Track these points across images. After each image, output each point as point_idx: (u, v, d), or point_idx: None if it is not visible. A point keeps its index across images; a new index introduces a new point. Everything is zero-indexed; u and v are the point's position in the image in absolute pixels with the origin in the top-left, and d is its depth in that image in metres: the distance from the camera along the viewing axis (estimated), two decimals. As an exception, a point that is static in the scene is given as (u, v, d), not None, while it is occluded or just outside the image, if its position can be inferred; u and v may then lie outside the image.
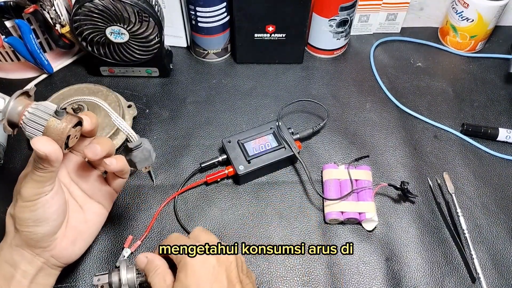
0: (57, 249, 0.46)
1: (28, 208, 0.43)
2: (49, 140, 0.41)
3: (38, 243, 0.45)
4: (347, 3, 0.70)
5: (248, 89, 0.74)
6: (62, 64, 0.76)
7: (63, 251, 0.47)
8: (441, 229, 0.59)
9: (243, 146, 0.62)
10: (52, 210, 0.44)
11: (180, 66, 0.77)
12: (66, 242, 0.47)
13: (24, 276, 0.45)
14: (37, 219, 0.44)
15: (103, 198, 0.50)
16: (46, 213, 0.44)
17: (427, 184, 0.63)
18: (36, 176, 0.42)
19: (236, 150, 0.62)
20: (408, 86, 0.76)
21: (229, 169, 0.62)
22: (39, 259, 0.46)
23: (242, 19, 0.70)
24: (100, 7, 0.61)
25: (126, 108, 0.68)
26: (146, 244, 0.57)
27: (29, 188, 0.43)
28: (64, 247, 0.47)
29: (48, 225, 0.44)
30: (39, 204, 0.43)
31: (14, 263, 0.45)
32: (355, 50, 0.82)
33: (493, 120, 0.72)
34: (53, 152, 0.41)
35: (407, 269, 0.56)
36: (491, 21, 0.76)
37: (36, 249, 0.45)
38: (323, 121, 0.68)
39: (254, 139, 0.64)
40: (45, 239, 0.45)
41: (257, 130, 0.64)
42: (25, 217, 0.43)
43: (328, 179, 0.62)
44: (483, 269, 0.56)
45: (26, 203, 0.43)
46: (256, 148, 0.63)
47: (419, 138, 0.69)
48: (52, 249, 0.46)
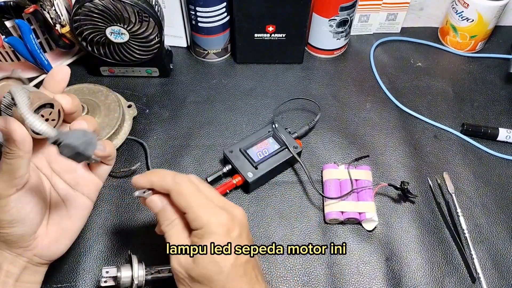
0: (39, 247, 0.44)
1: (1, 208, 0.41)
2: (14, 120, 0.38)
3: (17, 244, 0.43)
4: (347, 3, 0.70)
5: (248, 89, 0.74)
6: (62, 64, 0.76)
7: (46, 249, 0.45)
8: (441, 229, 0.59)
9: (247, 154, 0.62)
10: (27, 209, 0.42)
11: (180, 66, 0.77)
12: (48, 240, 0.45)
13: (8, 276, 0.43)
14: (12, 220, 0.41)
15: (88, 188, 0.48)
16: (21, 213, 0.42)
17: (427, 184, 0.63)
18: (5, 164, 0.39)
19: (240, 158, 0.61)
20: (408, 86, 0.76)
21: (236, 179, 0.60)
22: (22, 259, 0.44)
23: (242, 19, 0.70)
24: (100, 7, 0.61)
25: (126, 108, 0.68)
26: (146, 244, 0.57)
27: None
28: (47, 245, 0.45)
29: (25, 226, 0.42)
30: (12, 203, 0.41)
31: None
32: (355, 50, 0.82)
33: (493, 120, 0.72)
34: (18, 131, 0.38)
35: (407, 269, 0.56)
36: (491, 21, 0.76)
37: (16, 249, 0.43)
38: (317, 116, 0.67)
39: (255, 145, 0.63)
40: (23, 239, 0.43)
41: (256, 136, 0.64)
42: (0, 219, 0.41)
43: (328, 179, 0.62)
44: (483, 269, 0.56)
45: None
46: (260, 154, 0.62)
47: (419, 138, 0.69)
48: (33, 248, 0.44)
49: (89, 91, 0.67)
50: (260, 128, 0.65)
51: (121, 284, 0.49)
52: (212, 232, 0.42)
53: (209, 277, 0.41)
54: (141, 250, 0.56)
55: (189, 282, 0.42)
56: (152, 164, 0.64)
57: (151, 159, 0.64)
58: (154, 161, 0.65)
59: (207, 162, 0.65)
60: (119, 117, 0.64)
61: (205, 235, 0.42)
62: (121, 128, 0.65)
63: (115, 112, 0.65)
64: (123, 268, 0.50)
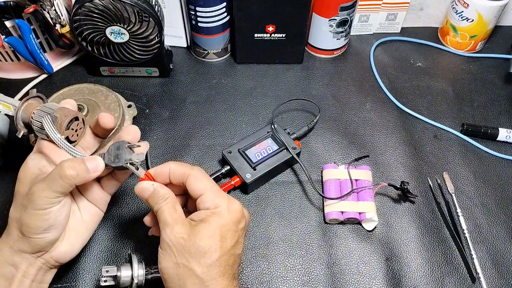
0: (57, 250, 0.46)
1: (40, 216, 0.42)
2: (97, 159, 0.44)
3: (43, 248, 0.45)
4: (347, 3, 0.70)
5: (248, 89, 0.74)
6: (62, 64, 0.76)
7: (63, 252, 0.47)
8: (441, 229, 0.59)
9: (245, 154, 0.62)
10: (62, 217, 0.44)
11: (180, 66, 0.77)
12: (65, 244, 0.47)
13: (25, 276, 0.45)
14: (49, 227, 0.43)
15: (99, 201, 0.50)
16: (57, 221, 0.44)
17: (427, 184, 0.63)
18: (58, 186, 0.42)
19: (239, 159, 0.61)
20: (408, 86, 0.76)
21: (235, 180, 0.60)
22: (39, 260, 0.45)
23: (242, 19, 0.70)
24: (100, 7, 0.61)
25: (126, 108, 0.68)
26: (146, 244, 0.57)
27: (45, 197, 0.42)
28: (64, 248, 0.46)
29: (57, 231, 0.44)
30: (52, 213, 0.43)
31: (15, 263, 0.44)
32: (355, 50, 0.82)
33: (493, 120, 0.72)
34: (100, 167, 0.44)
35: (407, 269, 0.56)
36: (491, 21, 0.76)
37: (38, 252, 0.45)
38: (316, 117, 0.67)
39: (254, 146, 0.63)
40: (52, 243, 0.45)
41: (255, 136, 0.64)
42: (36, 225, 0.43)
43: (328, 179, 0.62)
44: (483, 269, 0.56)
45: (38, 211, 0.42)
46: (258, 154, 0.62)
47: (419, 138, 0.69)
48: (52, 250, 0.46)
49: (89, 91, 0.67)
50: (259, 129, 0.65)
51: (121, 283, 0.49)
52: (224, 215, 0.44)
53: (203, 251, 0.42)
54: (141, 250, 0.56)
55: (177, 252, 0.43)
56: (152, 164, 0.64)
57: (151, 159, 0.64)
58: (154, 161, 0.65)
59: (207, 162, 0.65)
60: (119, 117, 0.64)
61: (215, 215, 0.44)
62: (121, 128, 0.65)
63: (115, 112, 0.65)
64: (123, 267, 0.50)
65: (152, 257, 0.55)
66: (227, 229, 0.44)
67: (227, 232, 0.44)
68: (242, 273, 0.55)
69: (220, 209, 0.44)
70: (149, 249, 0.56)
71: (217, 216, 0.44)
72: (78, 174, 0.42)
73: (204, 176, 0.46)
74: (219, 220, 0.44)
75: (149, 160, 0.64)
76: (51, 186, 0.42)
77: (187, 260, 0.42)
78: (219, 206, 0.44)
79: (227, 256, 0.43)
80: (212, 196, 0.45)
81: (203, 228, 0.43)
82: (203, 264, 0.42)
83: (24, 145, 0.65)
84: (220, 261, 0.43)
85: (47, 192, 0.42)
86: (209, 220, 0.44)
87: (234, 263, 0.45)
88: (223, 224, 0.44)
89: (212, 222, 0.44)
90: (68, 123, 0.45)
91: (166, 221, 0.44)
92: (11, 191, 0.52)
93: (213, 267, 0.42)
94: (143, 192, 0.46)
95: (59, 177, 0.42)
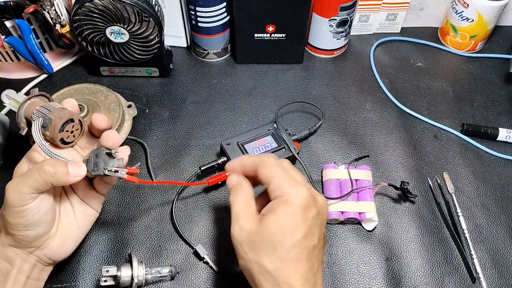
0: (49, 247, 0.46)
1: (17, 214, 0.42)
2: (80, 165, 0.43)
3: (31, 244, 0.45)
4: (347, 3, 0.70)
5: (248, 89, 0.74)
6: (62, 64, 0.76)
7: (55, 249, 0.47)
8: (441, 229, 0.59)
9: (243, 148, 0.62)
10: (42, 214, 0.44)
11: (180, 66, 0.77)
12: (57, 241, 0.47)
13: (19, 272, 0.45)
14: (28, 224, 0.43)
15: (93, 201, 0.50)
16: (36, 217, 0.43)
17: (427, 184, 0.63)
18: (33, 181, 0.42)
19: (236, 152, 0.62)
20: (408, 86, 0.76)
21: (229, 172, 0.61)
22: (32, 257, 0.46)
23: (242, 19, 0.70)
24: (100, 7, 0.61)
25: (126, 108, 0.68)
26: (146, 244, 0.57)
27: (18, 192, 0.42)
28: (56, 246, 0.47)
29: (40, 228, 0.44)
30: (29, 210, 0.42)
31: (9, 259, 0.45)
32: (355, 50, 0.82)
33: (493, 120, 0.72)
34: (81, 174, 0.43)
35: (407, 269, 0.56)
36: (491, 21, 0.76)
37: (29, 248, 0.45)
38: (319, 122, 0.67)
39: (253, 141, 0.63)
40: (38, 239, 0.45)
41: (255, 132, 0.64)
42: (16, 222, 0.43)
43: (328, 179, 0.62)
44: (483, 269, 0.56)
45: (15, 209, 0.42)
46: (257, 150, 0.62)
47: (419, 138, 0.69)
48: (44, 247, 0.46)
49: (89, 91, 0.67)
50: (261, 125, 0.65)
51: (121, 283, 0.49)
52: (290, 202, 0.41)
53: (273, 245, 0.40)
54: (141, 250, 0.56)
55: (247, 248, 0.41)
56: (152, 164, 0.64)
57: (151, 159, 0.64)
58: (154, 161, 0.65)
59: (206, 162, 0.65)
60: (119, 117, 0.64)
61: (282, 203, 0.41)
62: (121, 128, 0.65)
63: (115, 112, 0.65)
64: (123, 267, 0.50)
65: (152, 257, 0.56)
66: (296, 218, 0.41)
67: (296, 222, 0.41)
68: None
69: (286, 197, 0.42)
70: (149, 249, 0.56)
71: (284, 205, 0.41)
72: (56, 172, 0.42)
73: (273, 162, 0.44)
74: (286, 209, 0.41)
75: (149, 160, 0.64)
76: (26, 180, 0.41)
77: (258, 256, 0.40)
78: (285, 193, 0.42)
79: (299, 249, 0.40)
80: (279, 182, 0.43)
81: (271, 220, 0.41)
82: (274, 259, 0.40)
83: (25, 145, 0.65)
84: (290, 254, 0.40)
85: (20, 187, 0.41)
86: (277, 210, 0.41)
87: (310, 257, 0.41)
88: (290, 213, 0.41)
89: (278, 212, 0.41)
90: (63, 124, 0.45)
91: (236, 215, 0.43)
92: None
93: (285, 262, 0.40)
94: (228, 182, 0.47)
95: (37, 171, 0.41)
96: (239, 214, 0.43)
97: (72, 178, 0.43)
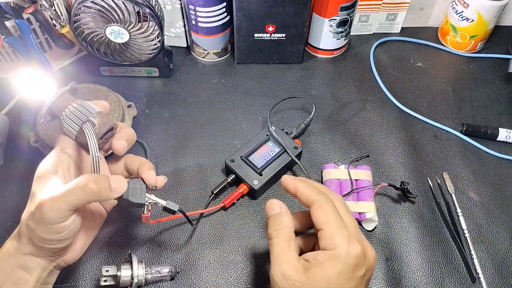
0: (69, 254, 0.46)
1: (53, 230, 0.41)
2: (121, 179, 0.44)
3: (57, 253, 0.44)
4: (347, 3, 0.70)
5: (248, 89, 0.74)
6: (62, 64, 0.76)
7: (74, 254, 0.46)
8: (441, 229, 0.59)
9: (249, 161, 0.61)
10: (77, 228, 0.43)
11: (180, 66, 0.77)
12: (77, 247, 0.46)
13: (38, 281, 0.44)
14: (63, 239, 0.42)
15: (108, 204, 0.50)
16: (72, 232, 0.42)
17: (427, 184, 0.63)
18: (75, 199, 0.40)
19: (243, 166, 0.61)
20: (408, 86, 0.76)
21: (242, 188, 0.60)
22: (52, 264, 0.45)
23: (242, 19, 0.70)
24: (100, 7, 0.61)
25: (126, 108, 0.68)
26: (146, 244, 0.57)
27: (56, 209, 0.40)
28: (75, 251, 0.46)
29: (71, 240, 0.44)
30: (66, 227, 0.41)
31: (27, 268, 0.43)
32: (355, 50, 0.82)
33: (493, 120, 0.72)
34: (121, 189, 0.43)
35: (407, 269, 0.56)
36: (491, 21, 0.76)
37: (52, 257, 0.44)
38: (311, 113, 0.67)
39: (256, 151, 0.62)
40: (65, 250, 0.44)
41: (255, 141, 0.63)
42: (49, 238, 0.41)
43: (328, 179, 0.62)
44: (483, 269, 0.56)
45: (51, 226, 0.40)
46: (262, 159, 0.61)
47: (419, 138, 0.69)
48: (65, 254, 0.45)
49: (89, 91, 0.67)
50: (257, 133, 0.65)
51: (121, 283, 0.49)
52: (341, 260, 0.39)
53: None
54: (141, 250, 0.56)
55: None
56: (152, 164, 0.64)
57: (151, 159, 0.64)
58: (154, 161, 0.65)
59: (207, 162, 0.65)
60: (119, 117, 0.64)
61: (331, 258, 0.39)
62: (121, 128, 0.65)
63: (115, 112, 0.65)
64: (123, 267, 0.50)
65: (152, 257, 0.55)
66: (344, 277, 0.39)
67: (343, 281, 0.39)
68: (243, 272, 0.55)
69: (337, 252, 0.39)
70: (149, 249, 0.56)
71: (334, 261, 0.39)
72: (100, 191, 0.41)
73: (330, 207, 0.41)
74: (335, 266, 0.39)
75: (149, 160, 0.64)
76: (68, 198, 0.40)
77: None
78: (337, 247, 0.39)
79: None
80: (332, 233, 0.40)
81: (319, 273, 0.39)
82: None
83: (25, 145, 0.65)
84: None
85: (59, 204, 0.40)
86: (325, 265, 0.39)
87: None
88: (339, 271, 0.39)
89: (327, 267, 0.39)
90: (105, 133, 0.44)
91: (277, 256, 0.41)
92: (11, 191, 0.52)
93: None
94: (269, 209, 0.44)
95: (80, 188, 0.40)
96: (280, 256, 0.41)
97: (115, 194, 0.42)
